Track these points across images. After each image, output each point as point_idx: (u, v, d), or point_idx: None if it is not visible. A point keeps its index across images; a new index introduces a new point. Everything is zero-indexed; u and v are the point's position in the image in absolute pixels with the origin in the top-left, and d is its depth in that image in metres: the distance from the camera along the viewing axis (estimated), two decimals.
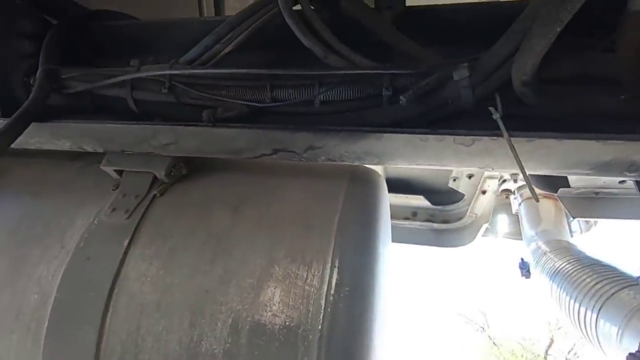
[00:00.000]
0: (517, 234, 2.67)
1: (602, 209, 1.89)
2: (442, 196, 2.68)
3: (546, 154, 0.87)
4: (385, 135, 0.91)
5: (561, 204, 2.11)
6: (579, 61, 0.92)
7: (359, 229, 1.07)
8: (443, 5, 1.17)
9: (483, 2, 1.23)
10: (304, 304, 0.93)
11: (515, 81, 0.86)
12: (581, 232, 2.37)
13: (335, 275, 0.96)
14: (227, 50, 1.10)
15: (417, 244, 2.90)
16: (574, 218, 2.11)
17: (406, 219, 2.87)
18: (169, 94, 1.16)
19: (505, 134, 0.82)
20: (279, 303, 0.95)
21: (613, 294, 1.20)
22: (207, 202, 1.17)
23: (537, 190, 2.31)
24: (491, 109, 0.87)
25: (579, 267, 1.48)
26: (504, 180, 2.45)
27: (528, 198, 2.45)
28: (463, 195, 2.60)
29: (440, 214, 2.78)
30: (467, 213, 2.59)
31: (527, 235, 2.36)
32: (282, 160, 1.10)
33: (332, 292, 0.94)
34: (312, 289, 0.95)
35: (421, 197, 2.70)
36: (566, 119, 0.93)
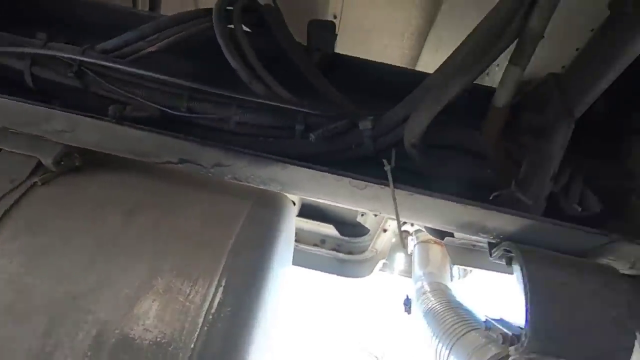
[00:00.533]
0: (409, 272, 2.93)
1: (475, 259, 2.21)
2: (350, 228, 2.84)
3: (422, 208, 1.01)
4: (290, 166, 0.97)
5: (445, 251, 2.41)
6: (460, 135, 1.10)
7: (254, 253, 1.09)
8: (368, 60, 1.31)
9: (402, 67, 1.40)
10: (180, 321, 0.91)
11: (406, 142, 0.99)
12: (459, 278, 2.70)
13: (219, 295, 0.96)
14: (150, 49, 1.07)
15: (322, 271, 3.00)
16: (453, 265, 2.41)
17: (315, 245, 2.96)
18: (74, 79, 1.08)
19: (391, 185, 0.94)
20: (153, 317, 0.92)
21: (464, 334, 1.41)
22: (97, 201, 1.09)
23: (430, 237, 2.60)
24: (384, 160, 0.98)
25: (447, 308, 1.70)
26: (404, 223, 2.70)
27: (422, 241, 2.73)
28: (368, 230, 2.79)
29: (346, 244, 2.93)
30: (369, 247, 2.78)
31: (415, 275, 2.61)
32: (188, 171, 1.09)
33: (213, 311, 0.93)
34: (192, 306, 0.93)
35: (332, 226, 2.83)
36: (444, 180, 1.10)
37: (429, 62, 1.53)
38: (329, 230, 2.88)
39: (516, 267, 0.99)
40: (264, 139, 1.06)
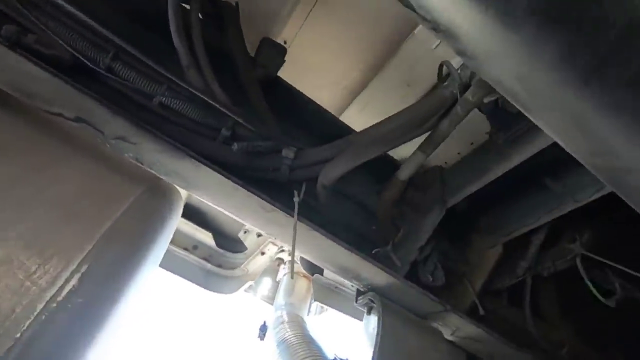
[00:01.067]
0: (272, 298, 2.95)
1: (336, 300, 2.39)
2: (228, 241, 2.76)
3: (314, 244, 1.08)
4: (204, 167, 0.93)
5: (312, 287, 2.55)
6: (362, 191, 1.24)
7: (128, 244, 0.98)
8: (306, 96, 1.38)
9: (333, 115, 1.50)
10: (10, 301, 0.75)
11: (319, 181, 1.07)
12: (315, 314, 2.86)
13: (73, 281, 0.83)
14: None
15: (185, 277, 2.80)
16: (314, 301, 2.56)
17: (186, 249, 2.77)
18: None
19: (295, 216, 0.98)
20: None
21: None
22: None
23: (300, 270, 2.72)
24: (295, 192, 1.03)
25: (301, 341, 1.78)
26: (282, 250, 2.78)
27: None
28: (246, 248, 2.76)
29: (219, 257, 2.82)
30: (241, 266, 2.74)
31: (278, 303, 2.66)
32: (82, 133, 0.95)
33: (60, 298, 0.80)
34: (34, 288, 0.78)
35: (209, 234, 2.70)
36: (337, 225, 1.20)
37: (352, 118, 1.70)
38: (206, 237, 2.75)
39: (373, 317, 1.13)
40: (184, 131, 1.00)
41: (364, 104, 1.64)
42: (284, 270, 2.89)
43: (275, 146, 1.07)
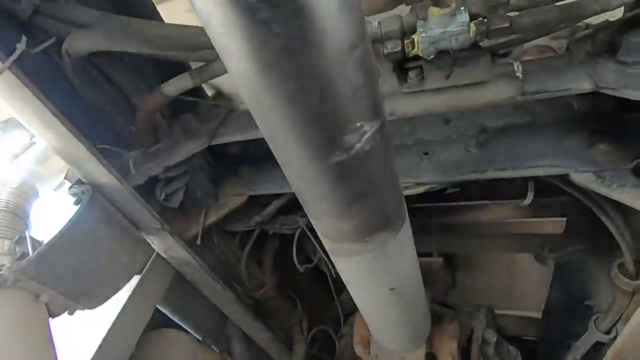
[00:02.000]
0: (17, 156, 2.47)
1: None
2: None
3: (40, 117, 0.92)
4: None
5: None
6: (128, 81, 1.12)
7: None
8: None
9: None
10: None
11: (63, 45, 0.90)
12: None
13: None
14: None
15: None
16: (65, 179, 2.28)
17: None
18: None
19: (5, 64, 0.80)
20: None
21: None
22: None
23: None
24: (24, 37, 0.83)
25: (6, 210, 1.56)
26: None
27: None
28: None
29: None
30: None
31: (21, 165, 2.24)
32: None
33: None
34: None
35: None
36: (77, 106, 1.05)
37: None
38: None
39: (76, 207, 1.07)
40: None
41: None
42: None
43: None
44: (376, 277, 0.90)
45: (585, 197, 1.17)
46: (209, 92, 1.92)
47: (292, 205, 1.59)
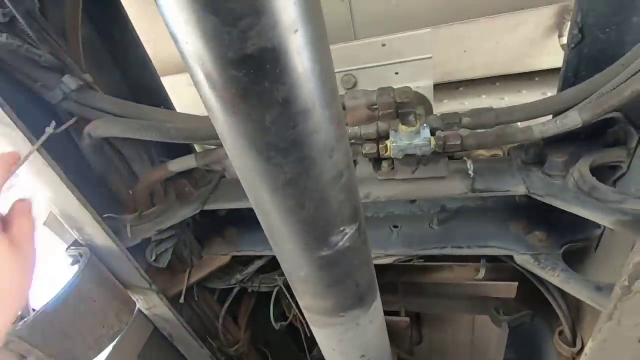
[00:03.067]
0: None
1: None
2: None
3: (52, 187, 1.02)
4: None
5: None
6: (134, 158, 1.24)
7: None
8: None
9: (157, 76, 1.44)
10: None
11: (86, 128, 1.03)
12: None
13: None
14: None
15: None
16: None
17: None
18: None
19: (36, 145, 0.91)
20: None
21: None
22: None
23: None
24: (54, 122, 0.96)
25: None
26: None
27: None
28: None
29: None
30: None
31: None
32: None
33: None
34: None
35: None
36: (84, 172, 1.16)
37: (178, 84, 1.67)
38: None
39: (74, 268, 1.13)
40: None
41: None
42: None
43: (59, 66, 0.97)
44: (349, 346, 1.02)
45: (527, 272, 1.36)
46: None
47: (272, 265, 1.70)
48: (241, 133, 0.54)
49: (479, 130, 1.04)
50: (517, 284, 1.86)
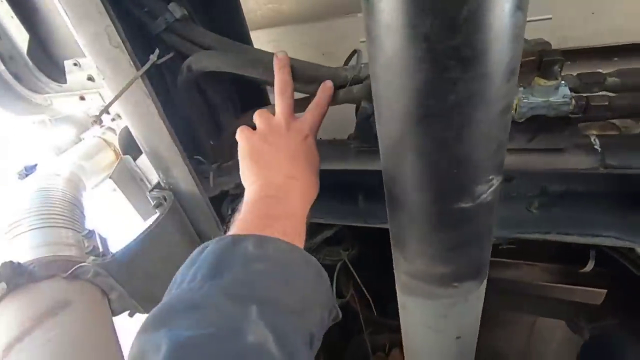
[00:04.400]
0: (60, 149, 2.52)
1: (129, 189, 2.21)
2: (46, 61, 2.22)
3: (145, 120, 0.98)
4: None
5: (117, 165, 2.30)
6: (224, 113, 1.19)
7: None
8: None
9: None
10: None
11: (187, 61, 0.97)
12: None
13: None
14: None
15: None
16: (109, 178, 2.32)
17: None
18: None
19: (141, 71, 0.86)
20: None
21: (57, 225, 1.36)
22: None
23: (116, 143, 2.41)
24: (157, 49, 0.91)
25: (64, 199, 1.58)
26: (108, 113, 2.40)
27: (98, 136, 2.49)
28: (65, 81, 2.28)
29: (26, 71, 2.24)
30: (46, 95, 2.24)
31: (66, 157, 2.28)
32: None
33: None
34: None
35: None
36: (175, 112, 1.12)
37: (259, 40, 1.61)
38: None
39: (155, 212, 1.10)
40: None
41: (279, 38, 1.58)
42: (94, 130, 2.50)
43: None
44: (450, 323, 0.92)
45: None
46: None
47: (337, 238, 1.62)
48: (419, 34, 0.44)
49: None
50: (603, 290, 1.68)
